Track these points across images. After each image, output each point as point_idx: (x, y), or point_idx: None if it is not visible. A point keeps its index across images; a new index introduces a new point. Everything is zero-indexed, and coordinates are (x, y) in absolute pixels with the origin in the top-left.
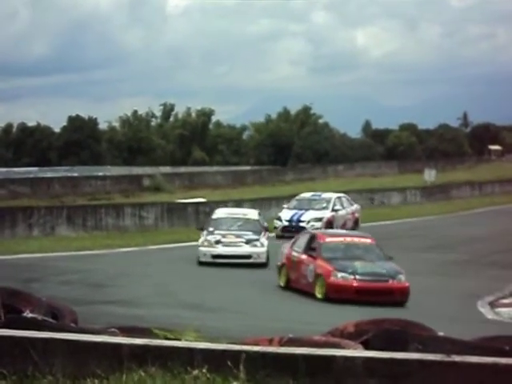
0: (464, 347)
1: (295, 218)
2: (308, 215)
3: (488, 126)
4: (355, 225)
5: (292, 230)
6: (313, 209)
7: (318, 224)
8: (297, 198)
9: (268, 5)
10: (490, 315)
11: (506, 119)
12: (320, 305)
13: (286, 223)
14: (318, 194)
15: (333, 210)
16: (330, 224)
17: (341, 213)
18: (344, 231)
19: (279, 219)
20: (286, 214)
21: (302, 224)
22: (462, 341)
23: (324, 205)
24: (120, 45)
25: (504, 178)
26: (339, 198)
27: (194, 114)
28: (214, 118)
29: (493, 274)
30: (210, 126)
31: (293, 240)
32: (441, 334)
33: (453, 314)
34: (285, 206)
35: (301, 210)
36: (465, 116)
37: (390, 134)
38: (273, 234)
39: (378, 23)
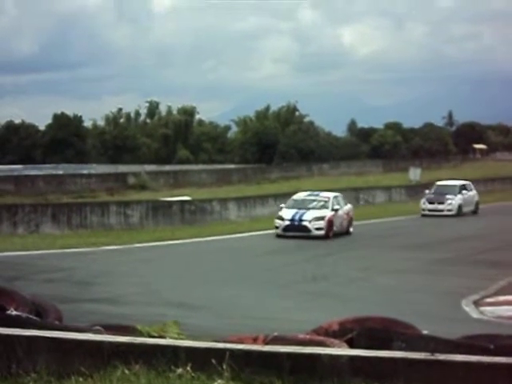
0: (448, 346)
1: (297, 217)
2: (310, 214)
3: (473, 125)
4: (349, 224)
5: (294, 229)
6: (313, 208)
7: (321, 223)
8: (294, 197)
9: (254, 2)
10: (474, 314)
11: (490, 118)
12: None
13: (288, 222)
14: (316, 193)
15: (332, 210)
16: (330, 223)
17: (340, 212)
18: None
19: (281, 218)
20: (287, 213)
21: (304, 223)
22: (446, 339)
23: (322, 204)
24: (106, 43)
25: (489, 177)
26: (336, 197)
27: (175, 112)
28: (197, 116)
29: (478, 272)
30: (194, 124)
31: None
32: (425, 332)
33: (437, 313)
34: (282, 205)
35: (300, 208)
36: (450, 115)
37: (375, 133)
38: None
39: (365, 22)
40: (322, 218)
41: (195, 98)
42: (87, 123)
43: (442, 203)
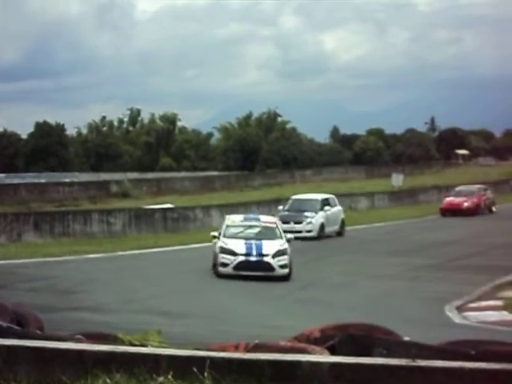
0: (430, 352)
1: (254, 250)
2: (269, 247)
3: (455, 131)
4: None
5: (253, 267)
6: (267, 238)
7: (285, 258)
8: (227, 222)
9: (237, 9)
10: (457, 319)
11: (473, 124)
12: None
13: (243, 258)
14: (252, 216)
15: (287, 240)
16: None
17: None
18: None
19: (230, 252)
20: (237, 246)
21: (266, 259)
22: (427, 345)
23: (270, 231)
24: (89, 51)
25: (471, 183)
26: (278, 221)
27: (158, 121)
28: (179, 123)
29: (461, 277)
30: (176, 132)
31: None
32: (406, 338)
33: (420, 318)
34: (215, 233)
35: (249, 239)
36: (432, 120)
37: (357, 139)
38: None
39: (347, 28)
40: (284, 252)
41: (179, 106)
42: (72, 131)
43: (299, 222)
